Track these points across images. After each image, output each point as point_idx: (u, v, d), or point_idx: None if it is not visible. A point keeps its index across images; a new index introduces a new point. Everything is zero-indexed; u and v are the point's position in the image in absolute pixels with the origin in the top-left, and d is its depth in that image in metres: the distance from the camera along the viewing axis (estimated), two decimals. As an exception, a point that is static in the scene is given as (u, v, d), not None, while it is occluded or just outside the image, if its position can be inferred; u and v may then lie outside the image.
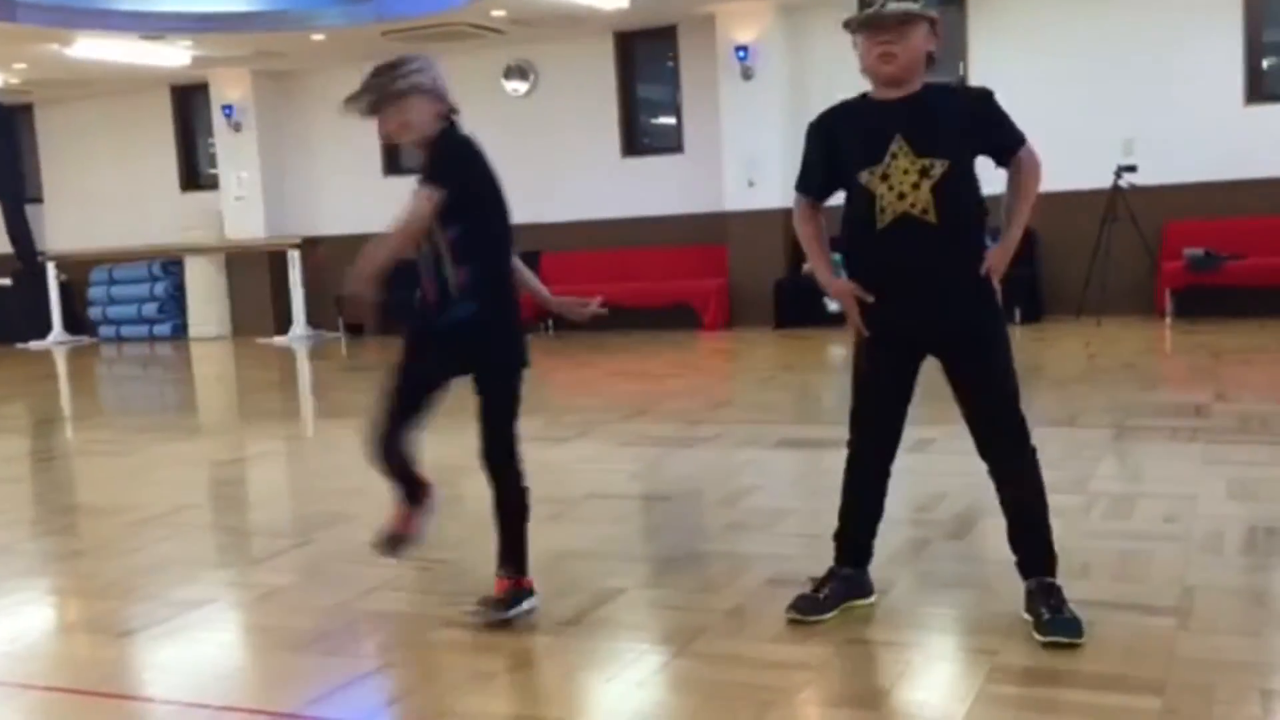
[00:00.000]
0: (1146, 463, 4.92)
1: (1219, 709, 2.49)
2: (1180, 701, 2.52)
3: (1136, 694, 2.57)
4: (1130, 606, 3.10)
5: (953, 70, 10.78)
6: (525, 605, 3.24)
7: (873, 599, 3.20)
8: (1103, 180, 9.23)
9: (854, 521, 3.19)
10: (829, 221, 3.16)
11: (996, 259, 3.02)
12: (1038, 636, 2.85)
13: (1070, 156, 10.25)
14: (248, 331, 13.28)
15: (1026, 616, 2.95)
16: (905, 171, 2.91)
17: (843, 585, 3.16)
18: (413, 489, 3.52)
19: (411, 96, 3.12)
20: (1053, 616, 2.88)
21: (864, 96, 3.05)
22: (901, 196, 2.91)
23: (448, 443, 6.30)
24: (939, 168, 2.90)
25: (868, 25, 2.93)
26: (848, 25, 3.00)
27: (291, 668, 3.06)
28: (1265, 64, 9.84)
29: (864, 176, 2.95)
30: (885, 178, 2.92)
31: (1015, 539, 3.07)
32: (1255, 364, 7.47)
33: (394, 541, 3.51)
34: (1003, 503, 3.09)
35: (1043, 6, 10.24)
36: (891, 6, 2.88)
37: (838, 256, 3.16)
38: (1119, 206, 9.22)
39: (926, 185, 2.90)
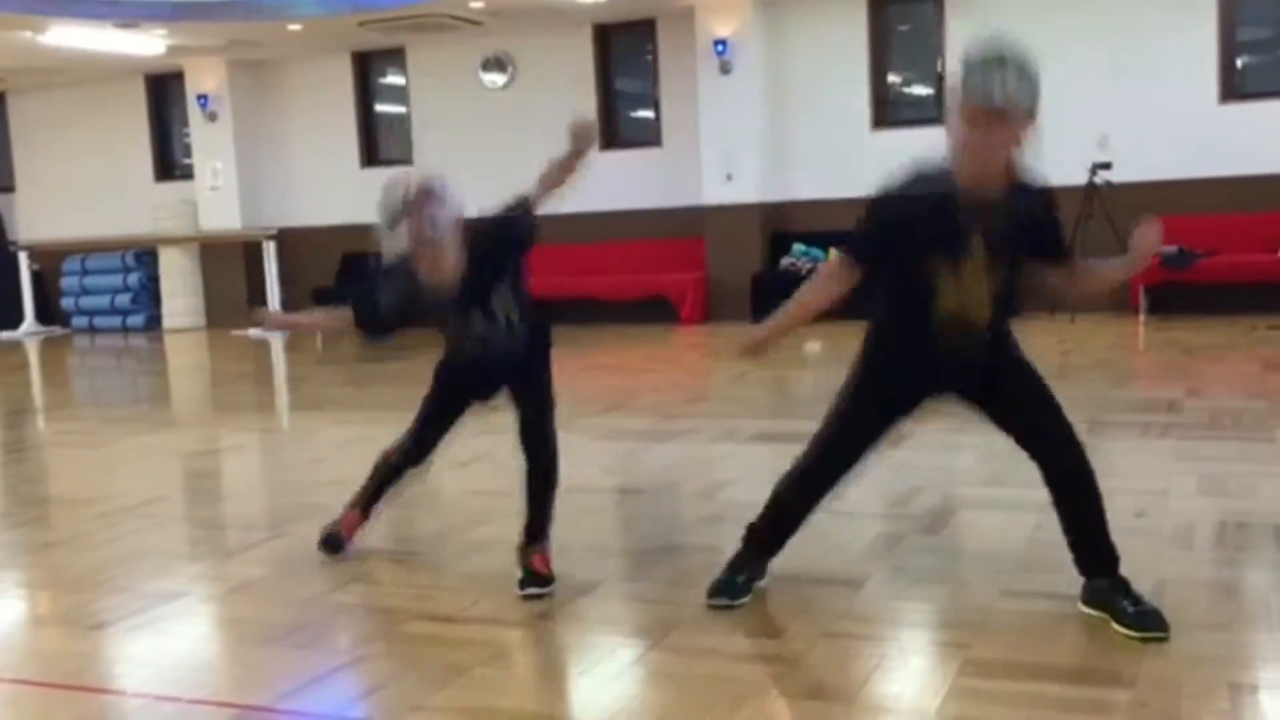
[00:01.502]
0: (1119, 458, 4.95)
1: (1188, 702, 2.51)
2: (1150, 695, 2.54)
3: (1107, 687, 2.59)
4: (1102, 600, 3.11)
5: (930, 65, 10.81)
6: None
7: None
8: (1078, 177, 9.29)
9: (791, 527, 3.27)
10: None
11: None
12: (1127, 632, 2.82)
13: (1049, 152, 10.31)
14: (222, 323, 13.19)
15: (1094, 612, 2.94)
16: (974, 272, 2.83)
17: (756, 570, 3.26)
18: (373, 502, 3.87)
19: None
20: (1139, 609, 2.86)
21: (947, 175, 2.83)
22: (964, 294, 2.85)
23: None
24: (1003, 273, 2.87)
25: (993, 113, 2.67)
26: (968, 99, 2.69)
27: (264, 661, 3.05)
28: (1239, 62, 9.92)
29: (932, 264, 2.84)
30: (955, 270, 2.83)
31: (1081, 539, 3.01)
32: (1227, 361, 7.54)
33: (337, 543, 3.85)
34: (1063, 505, 3.02)
35: (1020, 3, 10.28)
36: (1023, 96, 2.69)
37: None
38: (1094, 203, 9.27)
39: (988, 290, 2.86)
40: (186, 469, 5.99)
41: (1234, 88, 9.79)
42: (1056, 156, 5.80)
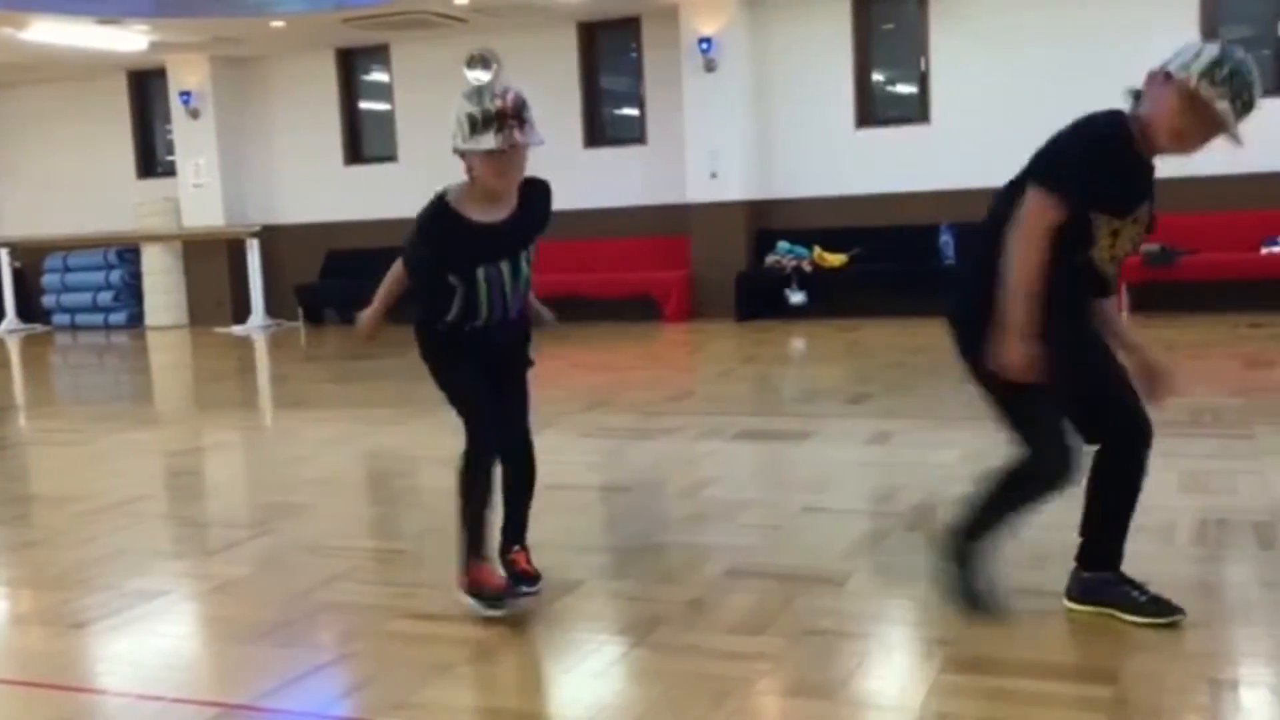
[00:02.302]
0: (1101, 455, 4.97)
1: (1169, 698, 2.52)
2: (1132, 690, 2.55)
3: (1090, 683, 2.60)
4: (1083, 597, 3.13)
5: (914, 64, 10.84)
6: None
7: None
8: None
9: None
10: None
11: None
12: (1145, 619, 2.85)
13: (1028, 151, 10.34)
14: (205, 321, 13.14)
15: (1085, 608, 2.96)
16: (1131, 234, 2.83)
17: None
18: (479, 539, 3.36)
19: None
20: (1151, 596, 2.90)
21: (1133, 143, 2.75)
22: (1113, 258, 2.85)
23: (402, 433, 6.28)
24: (1139, 241, 2.88)
25: (1244, 107, 2.65)
26: (1212, 86, 2.62)
27: (247, 659, 3.04)
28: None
29: (1103, 219, 2.76)
30: (1115, 233, 2.79)
31: (1110, 529, 3.00)
32: (1208, 358, 7.58)
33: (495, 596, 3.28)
34: (1107, 490, 2.99)
35: (1002, 1, 10.32)
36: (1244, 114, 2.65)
37: None
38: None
39: (1123, 256, 2.87)
40: (169, 467, 5.97)
41: (1215, 87, 9.84)
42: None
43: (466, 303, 3.19)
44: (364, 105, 13.12)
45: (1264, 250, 9.41)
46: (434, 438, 5.92)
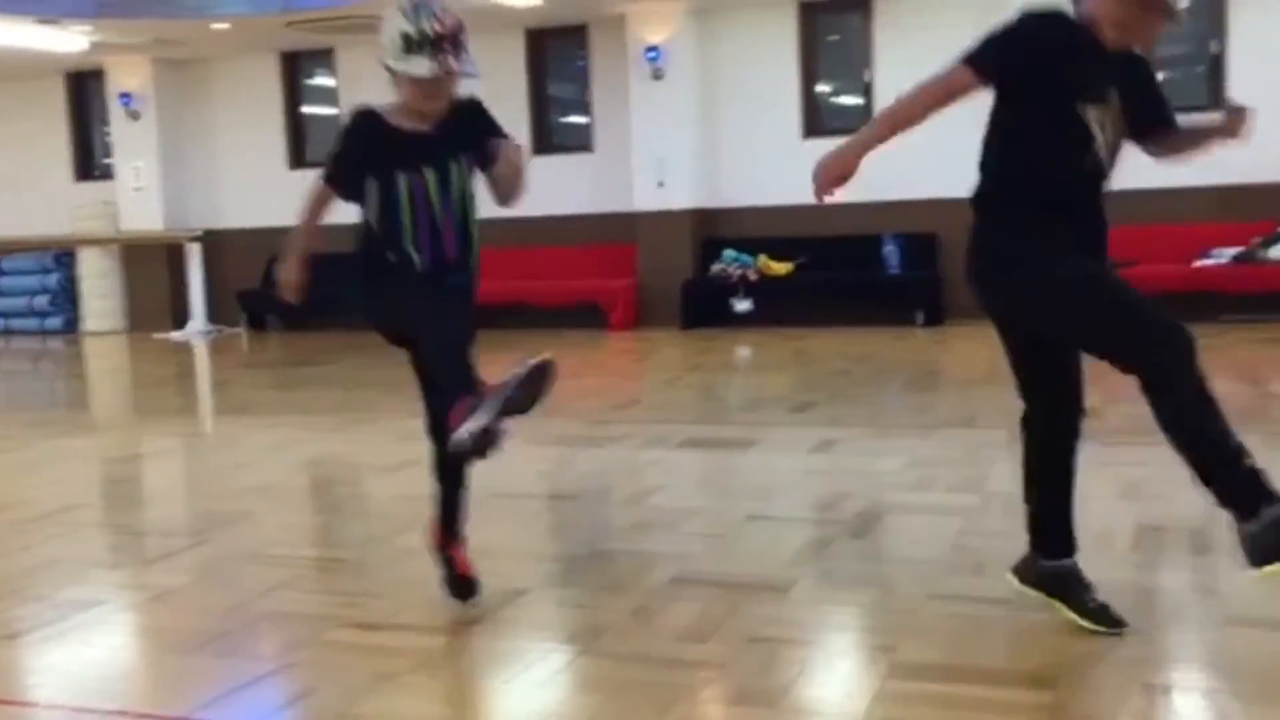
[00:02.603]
0: (1041, 463, 5.04)
1: (1106, 703, 2.56)
2: (1070, 695, 2.59)
3: (1028, 688, 2.63)
4: (1024, 604, 3.17)
5: (859, 75, 10.95)
6: None
7: None
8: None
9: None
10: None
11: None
12: (1086, 623, 2.86)
13: (972, 162, 10.48)
14: (144, 326, 12.91)
15: (1034, 592, 2.96)
16: (1114, 124, 2.72)
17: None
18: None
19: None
20: (1100, 604, 2.89)
21: (1074, 25, 2.71)
22: (1108, 149, 2.74)
23: (344, 440, 6.23)
24: (1122, 135, 2.79)
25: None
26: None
27: (184, 670, 2.98)
28: (1159, 76, 10.16)
29: (1082, 108, 2.67)
30: (1102, 124, 2.70)
31: (1066, 512, 3.01)
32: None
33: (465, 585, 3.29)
34: (1064, 468, 2.99)
35: (947, 13, 10.44)
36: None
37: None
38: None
39: (1117, 145, 2.76)
40: (106, 474, 5.86)
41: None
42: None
43: (388, 217, 2.95)
44: (308, 109, 12.99)
45: (1198, 263, 9.60)
46: (377, 445, 5.87)
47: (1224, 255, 9.52)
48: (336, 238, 3.28)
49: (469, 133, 3.08)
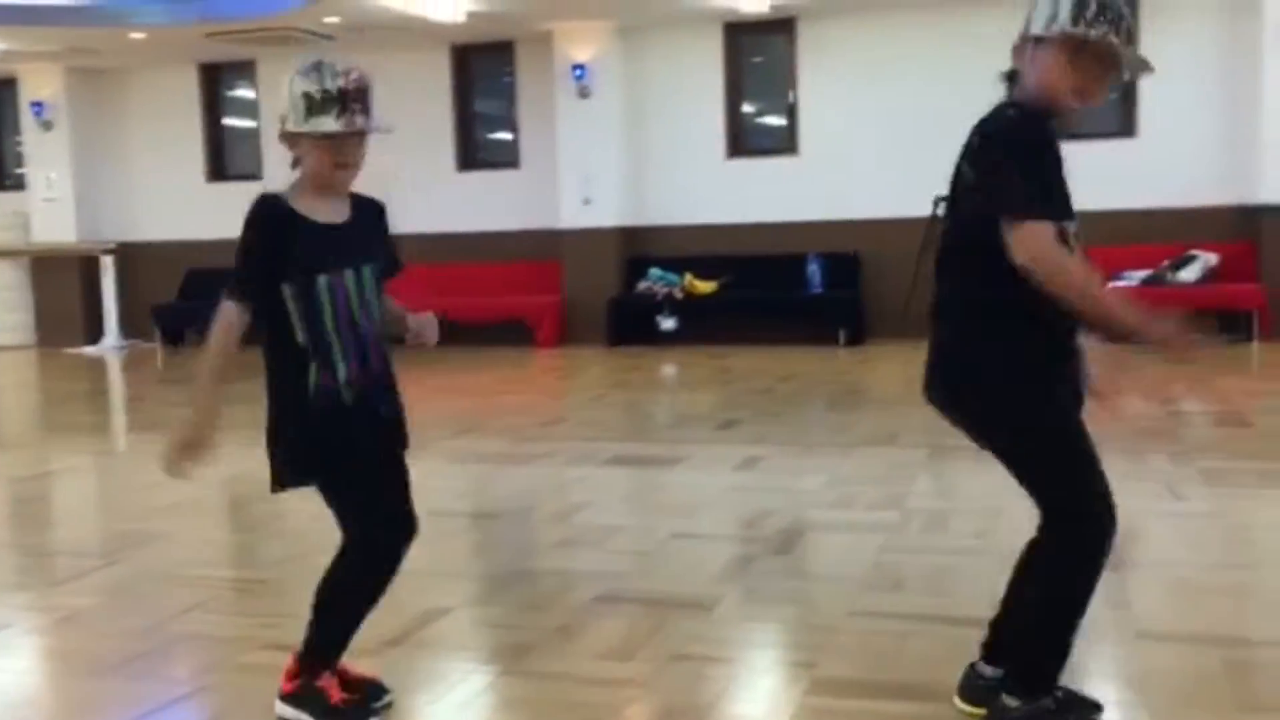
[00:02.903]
0: (959, 480, 5.13)
1: (1022, 716, 2.60)
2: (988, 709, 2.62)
3: (946, 703, 2.67)
4: (942, 619, 3.22)
5: (783, 97, 11.08)
6: None
7: None
8: (923, 209, 9.63)
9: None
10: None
11: None
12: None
13: (894, 184, 10.67)
14: (55, 341, 12.58)
15: (975, 710, 2.60)
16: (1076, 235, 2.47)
17: None
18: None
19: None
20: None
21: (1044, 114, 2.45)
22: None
23: (263, 458, 6.10)
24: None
25: (1128, 33, 2.39)
26: (1115, 33, 2.35)
27: (95, 694, 2.90)
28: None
29: (1069, 226, 2.43)
30: (1076, 235, 2.47)
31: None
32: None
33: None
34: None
35: (868, 38, 10.63)
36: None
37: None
38: (934, 233, 9.62)
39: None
40: (12, 494, 5.68)
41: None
42: (905, 187, 6.02)
43: (309, 326, 2.61)
44: (228, 121, 12.79)
45: (1111, 285, 9.86)
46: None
47: (1135, 278, 9.79)
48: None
49: (377, 234, 2.80)
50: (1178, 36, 9.89)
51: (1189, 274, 9.65)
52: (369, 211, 2.83)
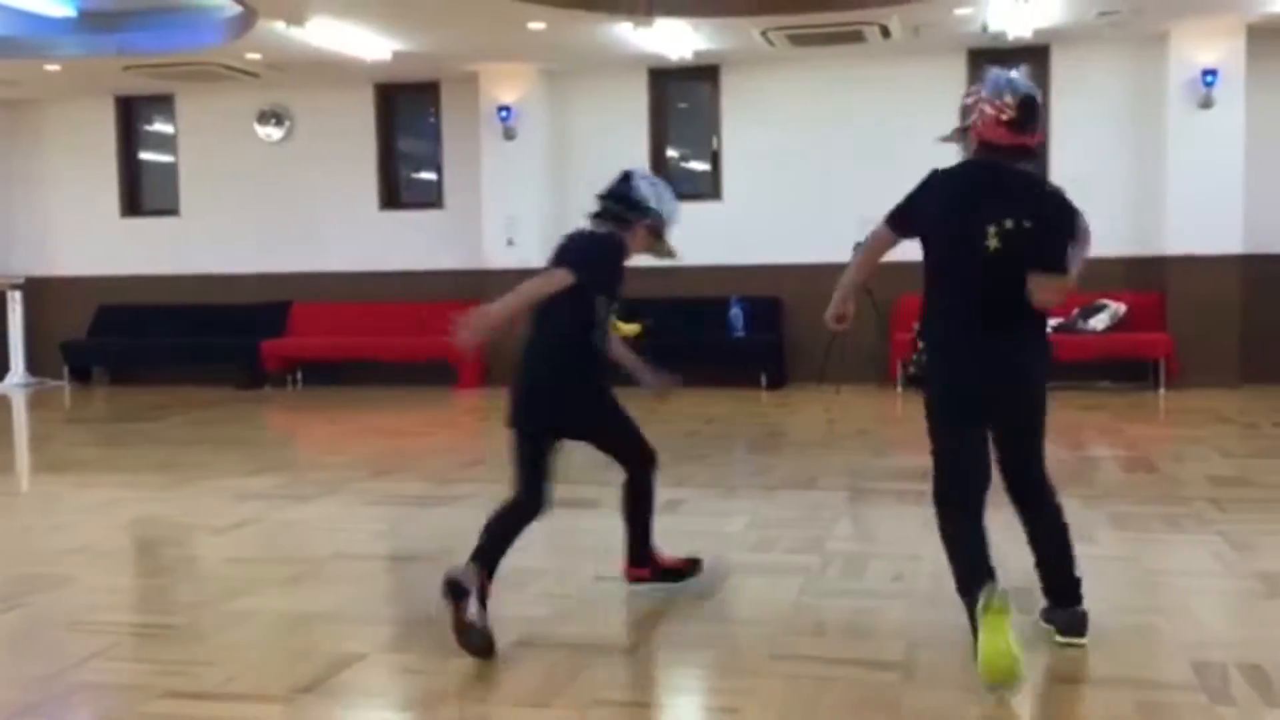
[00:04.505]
0: (878, 524, 5.17)
1: (940, 759, 2.61)
2: (906, 753, 2.63)
3: (866, 747, 2.67)
4: (861, 662, 3.23)
5: (706, 142, 11.21)
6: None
7: None
8: (844, 254, 9.78)
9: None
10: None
11: None
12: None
13: (813, 229, 10.82)
14: (-42, 377, 12.18)
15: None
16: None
17: None
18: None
19: None
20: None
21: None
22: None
23: (173, 500, 5.96)
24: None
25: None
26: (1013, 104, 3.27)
27: (-12, 747, 2.78)
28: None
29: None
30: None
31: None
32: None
33: None
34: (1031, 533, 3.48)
35: (789, 85, 10.80)
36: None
37: None
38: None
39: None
40: (-93, 536, 5.45)
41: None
42: (825, 232, 6.09)
43: (600, 323, 3.85)
44: (145, 155, 12.57)
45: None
46: (208, 506, 5.64)
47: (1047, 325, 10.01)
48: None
49: None
50: (1086, 93, 10.22)
51: (1098, 322, 9.90)
52: None
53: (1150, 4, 8.80)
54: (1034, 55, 10.26)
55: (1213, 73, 9.46)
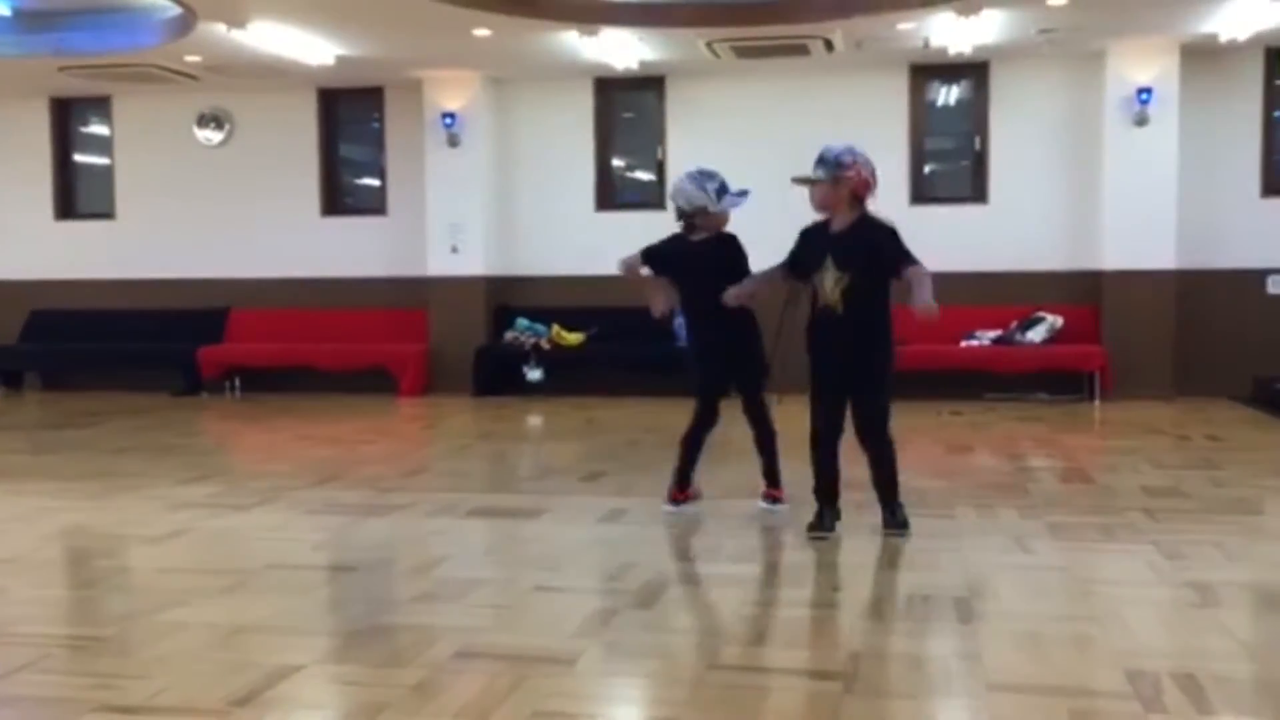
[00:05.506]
0: (820, 533, 5.19)
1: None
2: (845, 763, 2.64)
3: (806, 757, 2.67)
4: (802, 672, 3.24)
5: (651, 152, 11.24)
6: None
7: None
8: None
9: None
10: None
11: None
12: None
13: (755, 240, 10.86)
14: (-118, 382, 11.86)
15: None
16: (832, 280, 5.01)
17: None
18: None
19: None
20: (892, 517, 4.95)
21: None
22: (828, 295, 5.03)
23: (105, 509, 5.84)
24: (846, 279, 4.93)
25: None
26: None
27: (-92, 764, 2.70)
28: (926, 169, 10.84)
29: (815, 277, 5.08)
30: (822, 281, 5.02)
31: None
32: (914, 443, 8.08)
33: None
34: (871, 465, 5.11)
35: (734, 96, 10.86)
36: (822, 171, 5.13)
37: None
38: (799, 292, 9.82)
39: (839, 290, 4.99)
40: None
41: (923, 193, 10.67)
42: (772, 245, 6.07)
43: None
44: (80, 158, 12.34)
45: (964, 343, 10.20)
46: (142, 515, 5.53)
47: (985, 337, 10.16)
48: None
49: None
50: (1025, 109, 10.39)
51: (1036, 334, 10.05)
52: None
53: (1088, 23, 8.97)
54: (974, 71, 10.43)
55: (1148, 91, 9.67)
